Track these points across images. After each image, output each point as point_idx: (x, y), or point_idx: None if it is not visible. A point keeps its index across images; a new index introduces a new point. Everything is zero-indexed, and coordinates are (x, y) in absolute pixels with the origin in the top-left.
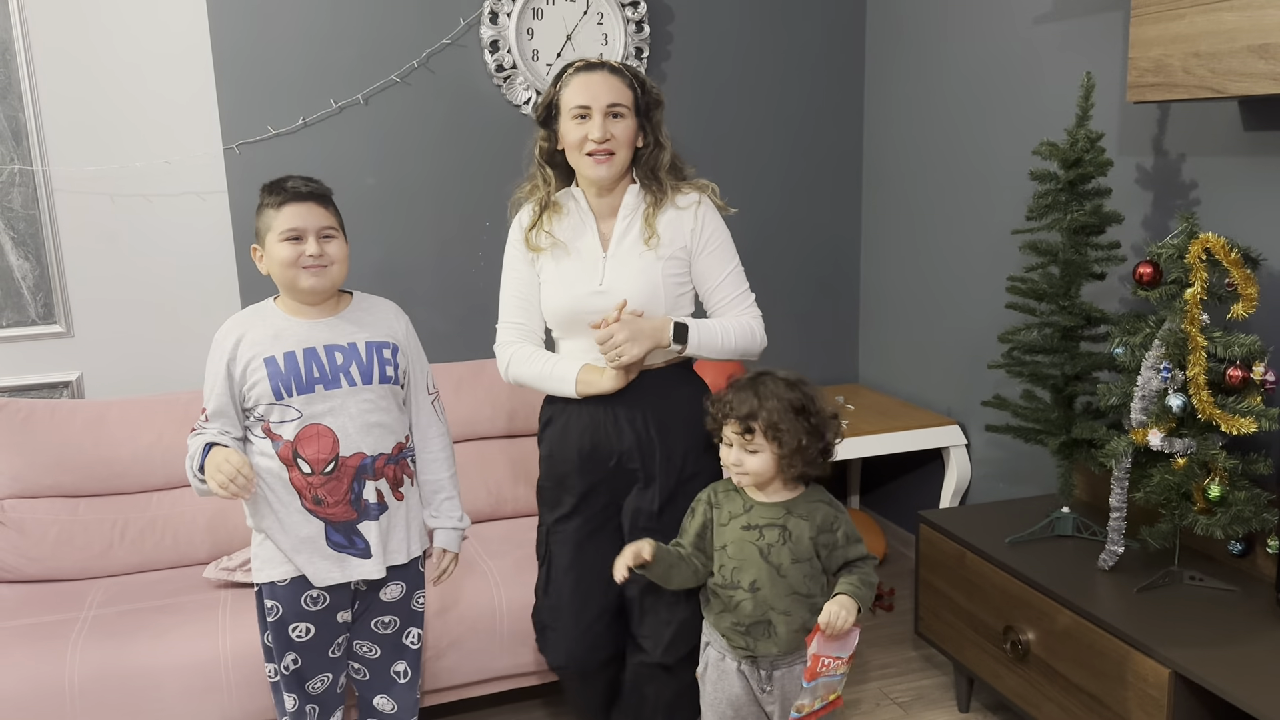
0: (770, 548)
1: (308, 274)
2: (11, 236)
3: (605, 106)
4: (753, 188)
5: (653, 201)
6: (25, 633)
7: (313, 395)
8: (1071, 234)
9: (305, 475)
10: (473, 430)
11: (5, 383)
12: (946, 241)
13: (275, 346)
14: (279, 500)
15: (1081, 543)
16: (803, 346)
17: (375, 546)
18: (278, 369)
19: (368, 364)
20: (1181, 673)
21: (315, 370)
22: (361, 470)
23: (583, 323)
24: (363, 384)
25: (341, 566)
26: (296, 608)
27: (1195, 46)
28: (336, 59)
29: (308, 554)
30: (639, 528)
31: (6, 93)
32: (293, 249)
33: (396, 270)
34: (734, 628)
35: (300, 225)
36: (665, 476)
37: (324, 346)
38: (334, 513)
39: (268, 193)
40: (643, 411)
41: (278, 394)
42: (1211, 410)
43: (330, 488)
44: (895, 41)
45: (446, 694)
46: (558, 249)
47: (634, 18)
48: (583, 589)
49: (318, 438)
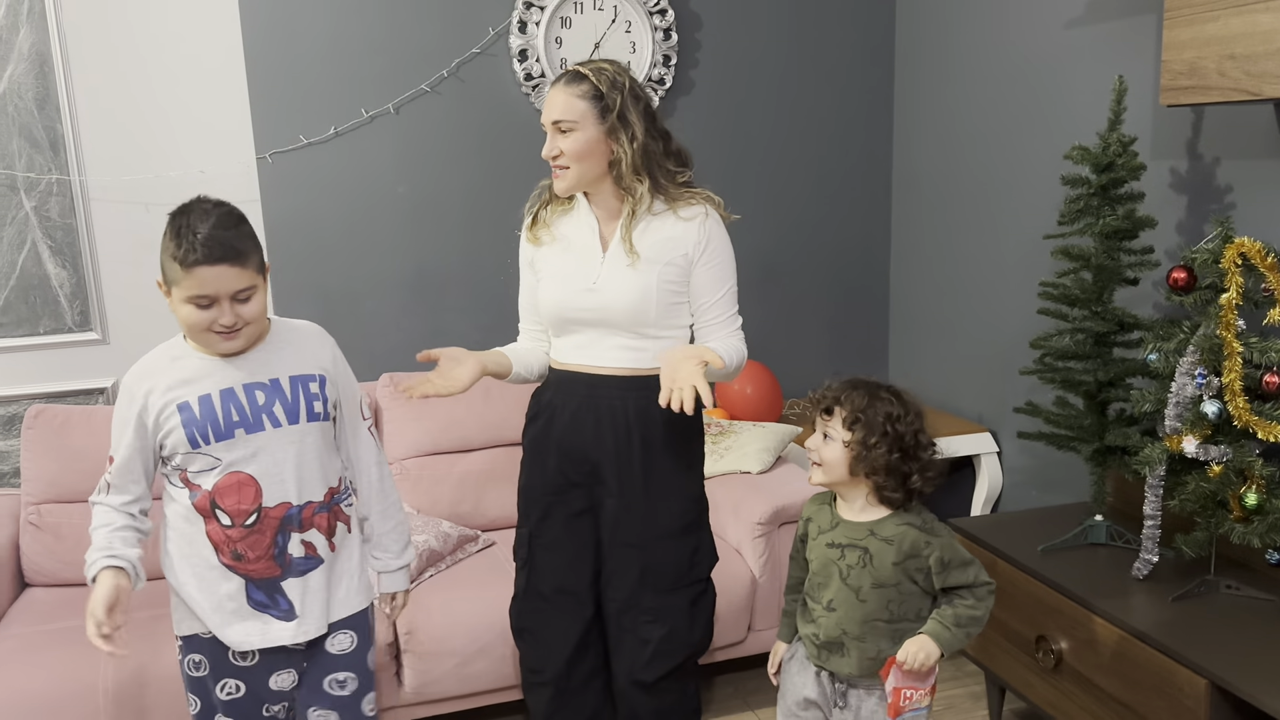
0: (850, 570)
1: (221, 339)
2: (49, 245)
3: (551, 123)
4: (781, 193)
5: (630, 212)
6: (59, 636)
7: (233, 441)
8: (1104, 239)
9: (224, 528)
10: (502, 436)
11: (42, 389)
12: (977, 247)
13: (189, 391)
14: (196, 554)
15: (1115, 551)
16: (832, 353)
17: (300, 606)
18: (192, 415)
19: (293, 401)
20: (1219, 683)
21: (234, 413)
22: (286, 521)
23: (573, 320)
24: (288, 424)
25: (263, 629)
26: (224, 663)
27: (1230, 48)
28: (367, 69)
29: (225, 615)
30: (618, 542)
31: (45, 104)
32: (203, 315)
33: (426, 278)
34: (811, 639)
35: (211, 293)
36: (640, 488)
37: (243, 386)
38: (255, 569)
39: (173, 239)
40: (627, 418)
41: (193, 442)
42: (1248, 417)
43: (251, 541)
44: (925, 46)
45: (477, 699)
46: (558, 244)
47: (662, 25)
48: (565, 593)
49: (238, 487)
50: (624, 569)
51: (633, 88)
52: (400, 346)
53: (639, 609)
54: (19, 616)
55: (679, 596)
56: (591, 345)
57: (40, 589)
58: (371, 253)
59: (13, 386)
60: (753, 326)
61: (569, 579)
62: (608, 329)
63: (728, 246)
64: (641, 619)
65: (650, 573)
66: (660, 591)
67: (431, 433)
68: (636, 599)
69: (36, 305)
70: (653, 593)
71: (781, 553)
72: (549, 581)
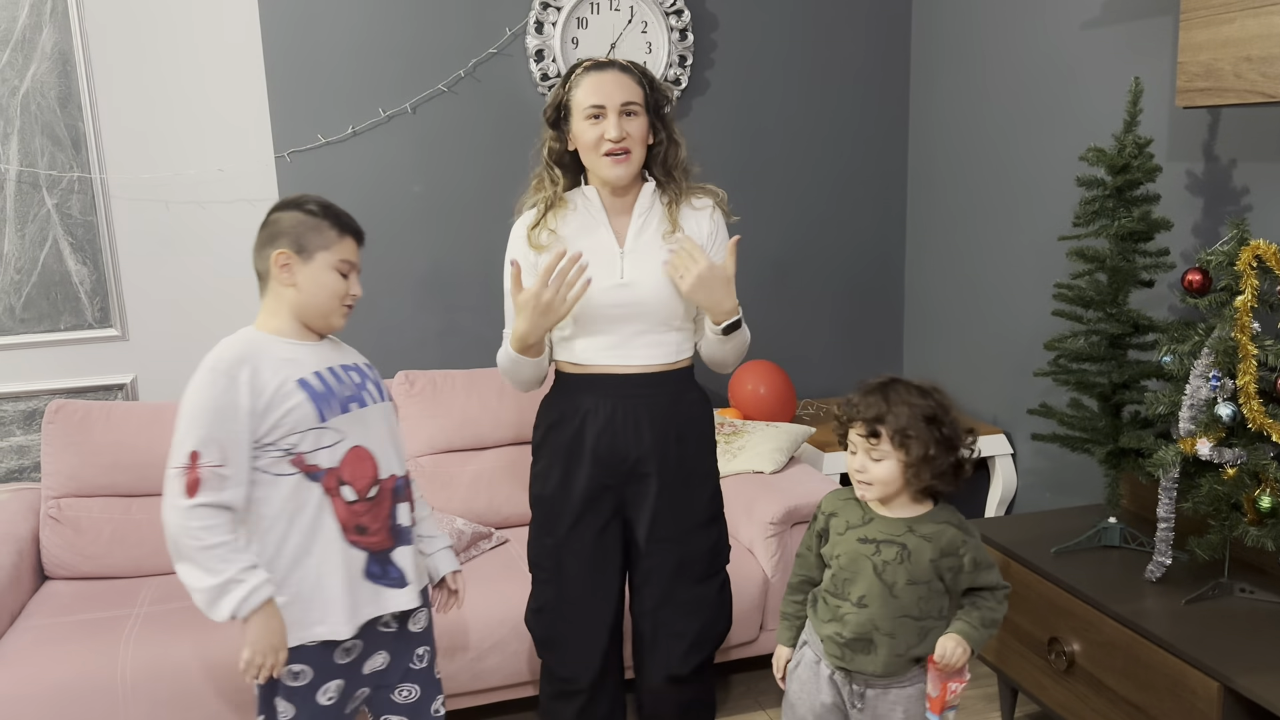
0: (886, 565)
1: (343, 313)
2: (70, 242)
3: (619, 105)
4: (796, 193)
5: (670, 200)
6: (80, 627)
7: (348, 415)
8: (1119, 240)
9: (349, 504)
10: (517, 435)
11: (63, 385)
12: (992, 248)
13: (298, 369)
14: (321, 541)
15: (1128, 553)
16: (847, 354)
17: (408, 573)
18: (314, 389)
19: (374, 381)
20: (1232, 686)
21: (345, 389)
22: (396, 492)
23: (602, 318)
24: (379, 400)
25: (376, 599)
26: (329, 666)
27: (1246, 50)
28: (385, 69)
29: (350, 596)
30: (656, 538)
31: (67, 103)
32: (342, 284)
33: (441, 276)
34: (834, 638)
35: (356, 260)
36: (679, 481)
37: (340, 366)
38: (374, 541)
39: (324, 214)
40: (663, 414)
41: (321, 415)
42: (1262, 419)
43: (374, 514)
44: (941, 47)
45: (489, 695)
46: (563, 245)
47: (678, 26)
48: (597, 599)
49: (358, 461)
50: (660, 565)
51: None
52: (414, 344)
53: (674, 604)
54: (39, 609)
55: (709, 586)
56: (622, 345)
57: (60, 582)
58: (387, 251)
59: (33, 382)
60: (767, 326)
61: (600, 585)
62: (639, 325)
63: (729, 241)
64: (677, 614)
65: (685, 565)
66: (694, 582)
67: (446, 430)
68: (672, 594)
69: (57, 301)
70: (687, 585)
71: (794, 552)
72: (580, 589)
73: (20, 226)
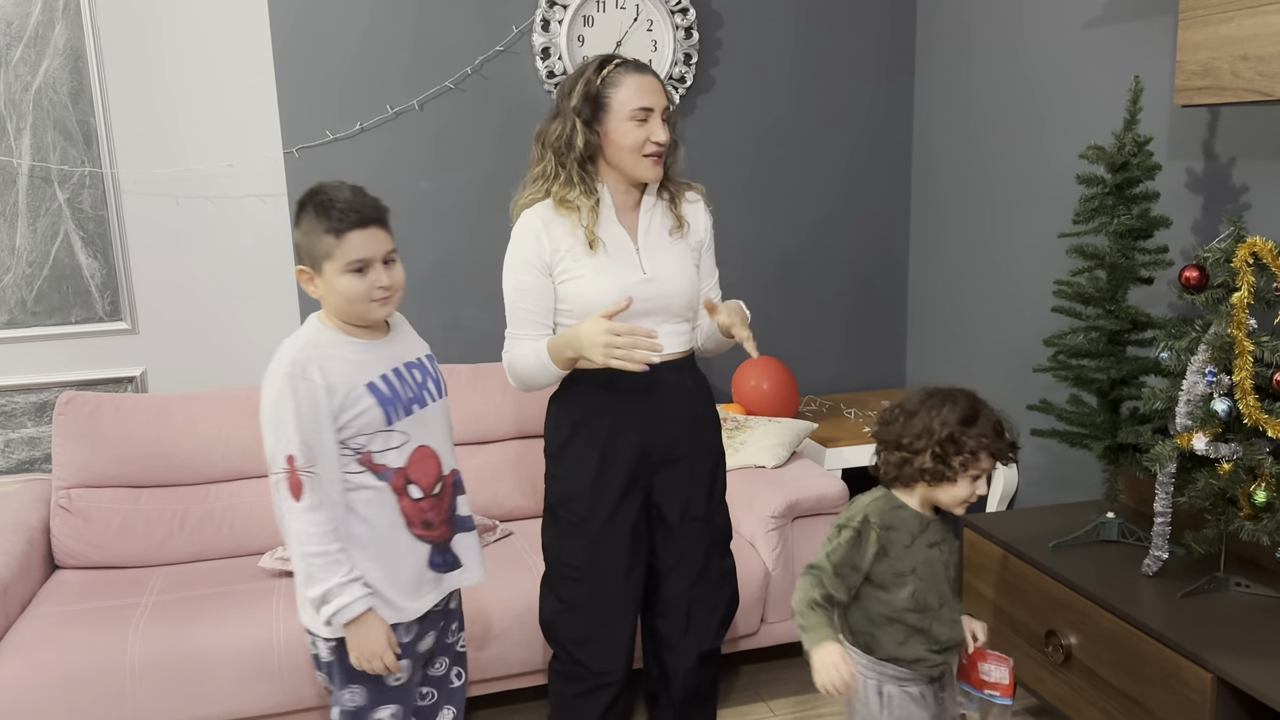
0: (947, 563)
1: (378, 306)
2: (81, 236)
3: (663, 109)
4: (801, 191)
5: (669, 197)
6: (90, 616)
7: (412, 417)
8: (1119, 238)
9: (415, 501)
10: (522, 429)
11: (73, 377)
12: (994, 245)
13: (368, 372)
14: (388, 536)
15: (1126, 548)
16: (850, 349)
17: (463, 557)
18: (383, 394)
19: (436, 377)
20: (1225, 678)
21: (409, 390)
22: (456, 486)
23: (629, 313)
24: (438, 397)
25: (437, 585)
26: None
27: (1243, 49)
28: (393, 66)
29: (416, 586)
30: (690, 517)
31: (78, 98)
32: (362, 282)
33: (448, 272)
34: (930, 651)
35: (367, 255)
36: (703, 460)
37: (404, 365)
38: (437, 534)
39: (320, 215)
40: (686, 398)
41: (389, 419)
42: (1258, 415)
43: (437, 509)
44: (944, 45)
45: (490, 685)
46: (578, 245)
47: (683, 24)
48: (631, 590)
49: (424, 460)
50: (695, 543)
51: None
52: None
53: (708, 579)
54: (49, 597)
55: (730, 559)
56: None
57: (70, 571)
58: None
59: (44, 374)
60: (771, 322)
61: (634, 577)
62: (661, 317)
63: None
64: (711, 587)
65: (716, 541)
66: (722, 555)
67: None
68: (707, 569)
69: (68, 295)
70: (718, 558)
71: (795, 546)
72: (617, 582)
73: (32, 221)
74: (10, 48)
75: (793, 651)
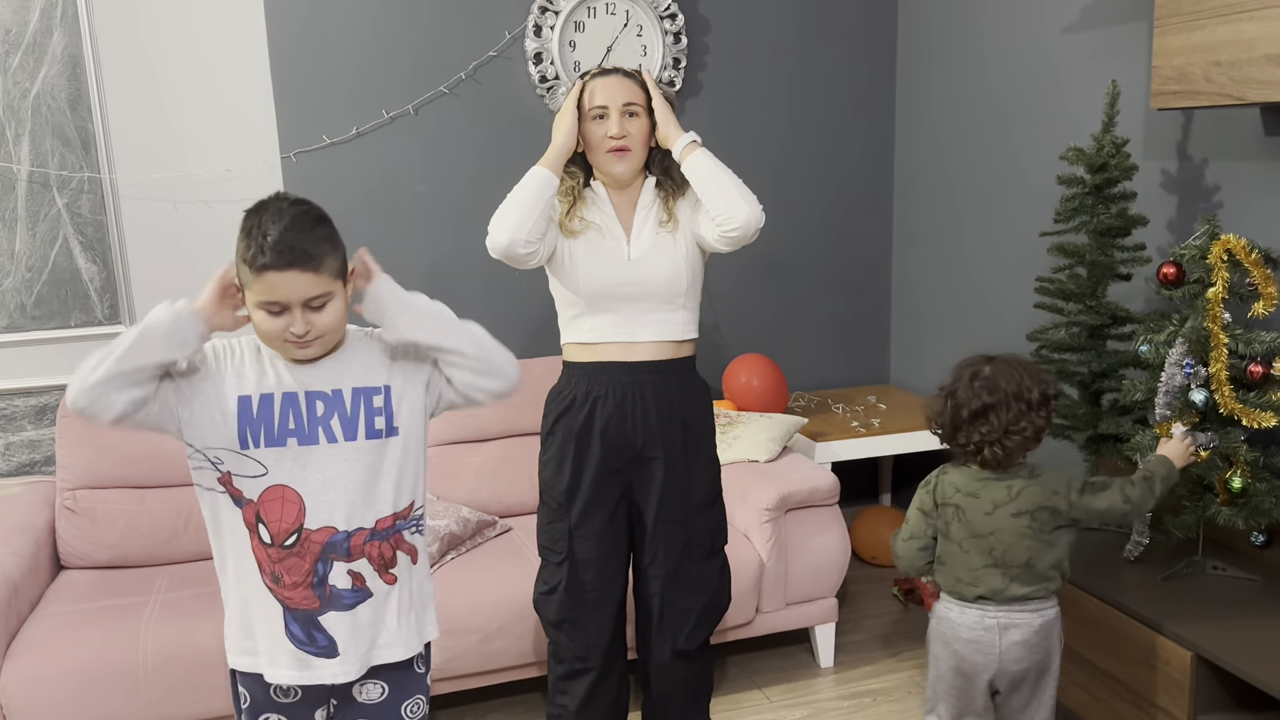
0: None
1: (293, 348)
2: (80, 241)
3: (621, 105)
4: (787, 191)
5: (667, 196)
6: (100, 614)
7: (283, 450)
8: (1098, 236)
9: (264, 545)
10: (516, 427)
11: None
12: (976, 243)
13: (255, 384)
14: (244, 567)
15: (1108, 534)
16: (835, 346)
17: (345, 643)
18: (249, 413)
19: (352, 415)
20: (1203, 655)
21: (291, 420)
22: (330, 548)
23: (611, 297)
24: (344, 440)
25: (302, 666)
26: (265, 698)
27: (1216, 55)
28: (388, 72)
29: (269, 640)
30: (664, 519)
31: (77, 104)
32: (275, 322)
33: (443, 273)
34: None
35: (281, 299)
36: (683, 465)
37: (305, 393)
38: (292, 597)
39: (246, 240)
40: (669, 400)
41: (242, 442)
42: (1233, 405)
43: (289, 565)
44: (926, 50)
45: (495, 676)
46: (589, 231)
47: (672, 30)
48: (607, 580)
49: (282, 502)
50: (669, 545)
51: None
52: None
53: (682, 581)
54: (57, 596)
55: (712, 564)
56: (629, 323)
57: (76, 571)
58: (391, 249)
59: (45, 377)
60: (758, 320)
61: (610, 566)
62: (645, 303)
63: None
64: (684, 590)
65: (691, 544)
66: (699, 560)
67: (450, 422)
68: (680, 572)
69: (68, 299)
70: (693, 563)
71: (788, 537)
72: (592, 571)
73: (31, 226)
74: (9, 55)
75: (787, 640)
